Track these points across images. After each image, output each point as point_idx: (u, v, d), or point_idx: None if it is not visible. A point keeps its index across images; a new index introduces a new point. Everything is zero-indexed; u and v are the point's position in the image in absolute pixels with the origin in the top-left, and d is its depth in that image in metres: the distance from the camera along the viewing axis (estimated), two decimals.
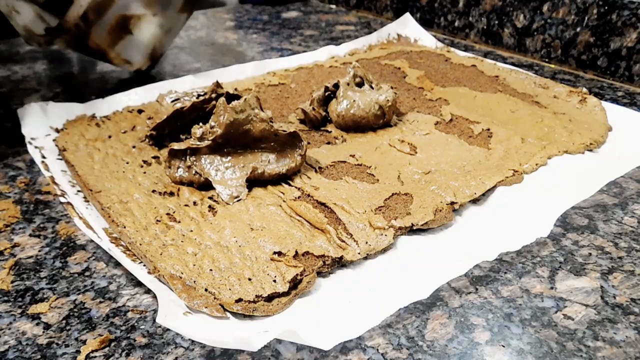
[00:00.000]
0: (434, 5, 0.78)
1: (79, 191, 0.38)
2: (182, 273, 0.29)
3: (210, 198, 0.36)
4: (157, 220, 0.33)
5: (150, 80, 0.58)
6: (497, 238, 0.33)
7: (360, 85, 0.47)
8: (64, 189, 0.37)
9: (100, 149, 0.42)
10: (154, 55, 0.58)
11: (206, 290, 0.28)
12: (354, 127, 0.45)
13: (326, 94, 0.47)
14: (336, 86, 0.47)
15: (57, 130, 0.45)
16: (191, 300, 0.28)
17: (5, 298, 0.29)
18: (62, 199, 0.35)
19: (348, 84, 0.46)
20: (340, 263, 0.31)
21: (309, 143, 0.43)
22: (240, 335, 0.26)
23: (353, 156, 0.42)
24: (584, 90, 0.53)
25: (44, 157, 0.40)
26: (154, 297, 0.29)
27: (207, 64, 0.64)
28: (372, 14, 0.89)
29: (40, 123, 0.45)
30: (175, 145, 0.37)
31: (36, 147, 0.42)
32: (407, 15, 0.73)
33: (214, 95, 0.43)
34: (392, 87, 0.47)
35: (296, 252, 0.31)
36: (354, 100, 0.45)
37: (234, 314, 0.28)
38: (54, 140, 0.43)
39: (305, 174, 0.39)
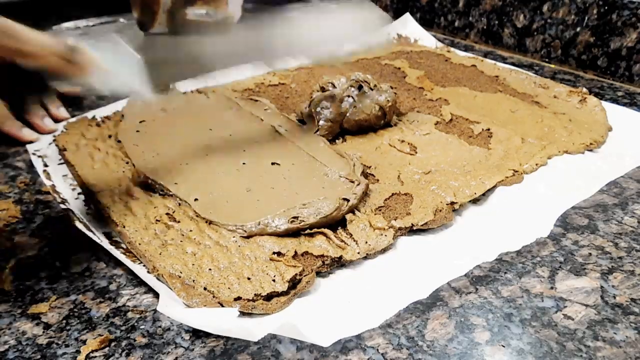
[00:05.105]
0: (434, 5, 0.78)
1: (79, 193, 0.38)
2: (181, 272, 0.29)
3: None
4: (157, 220, 0.33)
5: None
6: (497, 238, 0.33)
7: (359, 88, 0.47)
8: (64, 197, 0.37)
9: (100, 148, 0.42)
10: None
11: (205, 289, 0.28)
12: (356, 129, 0.45)
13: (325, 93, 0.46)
14: (332, 85, 0.46)
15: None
16: (190, 298, 0.28)
17: (5, 298, 0.29)
18: (62, 206, 0.35)
19: (347, 88, 0.46)
20: (339, 263, 0.31)
21: None
22: (242, 324, 0.26)
23: None
24: (584, 90, 0.53)
25: (46, 165, 0.40)
26: (154, 297, 0.29)
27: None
28: None
29: None
30: None
31: (38, 155, 0.42)
32: (407, 15, 0.73)
33: None
34: (392, 87, 0.47)
35: (295, 252, 0.31)
36: (355, 106, 0.45)
37: None
38: (54, 139, 0.43)
39: None
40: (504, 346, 0.26)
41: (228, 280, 0.29)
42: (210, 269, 0.30)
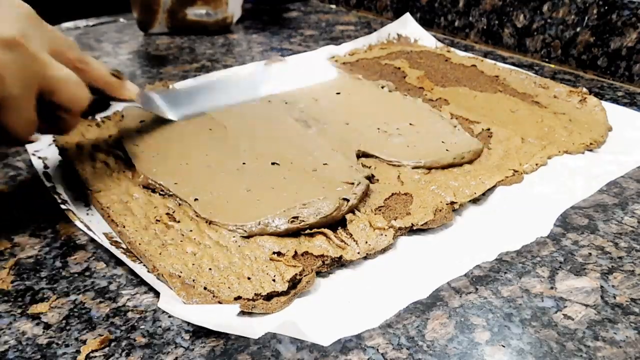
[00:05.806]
0: (434, 5, 0.78)
1: (79, 194, 0.38)
2: (181, 272, 0.29)
3: None
4: (157, 220, 0.33)
5: (149, 82, 0.58)
6: (497, 238, 0.33)
7: None
8: (64, 198, 0.37)
9: (100, 148, 0.42)
10: None
11: (205, 288, 0.28)
12: None
13: None
14: None
15: None
16: (190, 297, 0.28)
17: (5, 298, 0.29)
18: (62, 207, 0.35)
19: None
20: (339, 263, 0.31)
21: None
22: (242, 322, 0.26)
23: None
24: (584, 90, 0.53)
25: (46, 167, 0.40)
26: (155, 297, 0.29)
27: (208, 64, 0.64)
28: (372, 14, 0.89)
29: None
30: None
31: (39, 156, 0.42)
32: (407, 15, 0.73)
33: None
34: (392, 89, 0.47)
35: (295, 252, 0.31)
36: None
37: None
38: (54, 140, 0.43)
39: None
40: (504, 346, 0.26)
41: (228, 280, 0.29)
42: (210, 269, 0.30)
